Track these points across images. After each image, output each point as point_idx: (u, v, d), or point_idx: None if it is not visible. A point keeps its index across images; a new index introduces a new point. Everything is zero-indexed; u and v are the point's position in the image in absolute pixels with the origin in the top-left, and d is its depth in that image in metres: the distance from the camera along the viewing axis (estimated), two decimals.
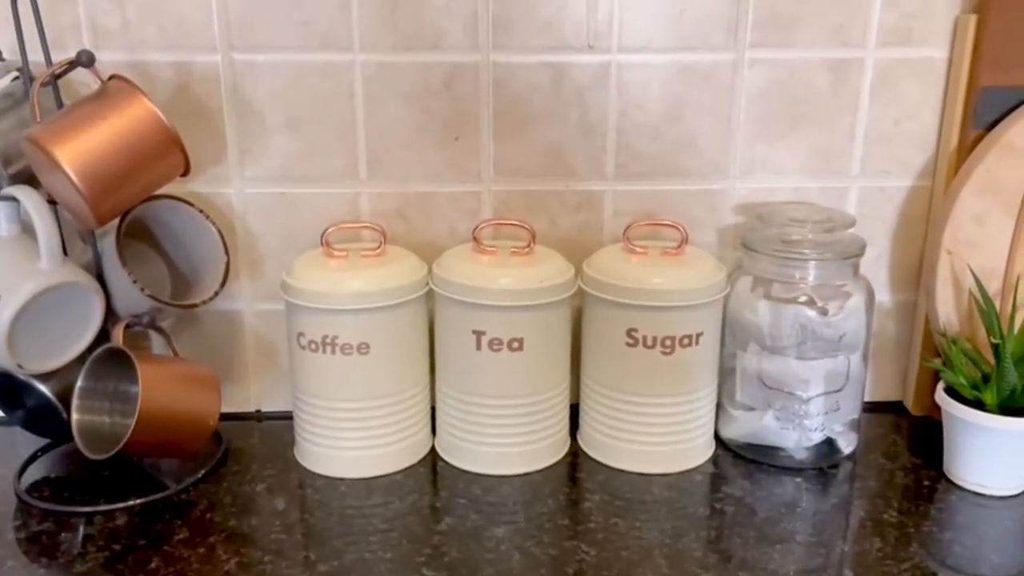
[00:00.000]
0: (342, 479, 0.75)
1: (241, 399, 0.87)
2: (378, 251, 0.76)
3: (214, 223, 0.77)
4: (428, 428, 0.80)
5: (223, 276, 0.77)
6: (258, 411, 0.88)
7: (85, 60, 0.65)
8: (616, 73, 0.79)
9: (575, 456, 0.80)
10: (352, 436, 0.75)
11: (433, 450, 0.80)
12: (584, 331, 0.78)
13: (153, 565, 0.64)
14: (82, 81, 0.73)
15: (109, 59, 0.76)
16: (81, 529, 0.68)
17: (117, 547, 0.66)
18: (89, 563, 0.64)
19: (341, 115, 0.79)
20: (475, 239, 0.77)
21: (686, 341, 0.73)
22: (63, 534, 0.68)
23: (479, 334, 0.73)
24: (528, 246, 0.76)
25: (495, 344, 0.73)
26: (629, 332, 0.73)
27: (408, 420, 0.77)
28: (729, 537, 0.68)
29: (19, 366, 0.68)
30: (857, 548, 0.67)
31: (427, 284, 0.76)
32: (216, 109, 0.79)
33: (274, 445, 0.82)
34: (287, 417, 0.83)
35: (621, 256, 0.77)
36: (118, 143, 0.64)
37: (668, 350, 0.73)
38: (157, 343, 0.82)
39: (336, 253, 0.76)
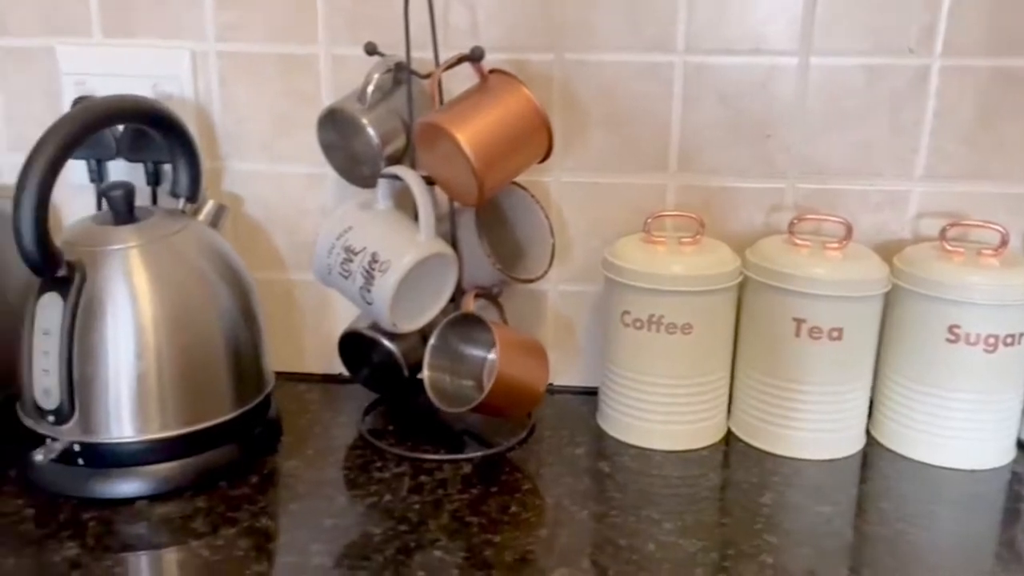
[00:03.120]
0: (654, 450, 0.81)
1: None
2: (696, 238, 0.81)
3: (543, 208, 0.84)
4: (726, 409, 0.84)
5: (550, 256, 0.84)
6: (551, 384, 0.94)
7: (478, 55, 0.73)
8: (936, 77, 0.81)
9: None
10: (666, 411, 0.80)
11: (728, 431, 0.84)
12: (895, 326, 0.80)
13: (513, 509, 0.71)
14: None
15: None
16: (438, 474, 0.76)
17: (475, 491, 0.73)
18: (456, 502, 0.72)
19: (658, 112, 0.85)
20: (790, 232, 0.81)
21: (1009, 340, 0.75)
22: (422, 476, 0.76)
23: (799, 322, 0.77)
24: (843, 240, 0.79)
25: (815, 332, 0.76)
26: (951, 328, 0.75)
27: (716, 400, 0.82)
28: None
29: (394, 324, 0.77)
30: None
31: (742, 272, 0.80)
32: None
33: (573, 416, 0.88)
34: (577, 391, 0.90)
35: (936, 254, 0.79)
36: (503, 129, 0.72)
37: (991, 348, 0.75)
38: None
39: (656, 238, 0.81)
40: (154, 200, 0.89)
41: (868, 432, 0.83)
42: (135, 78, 0.88)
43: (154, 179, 0.88)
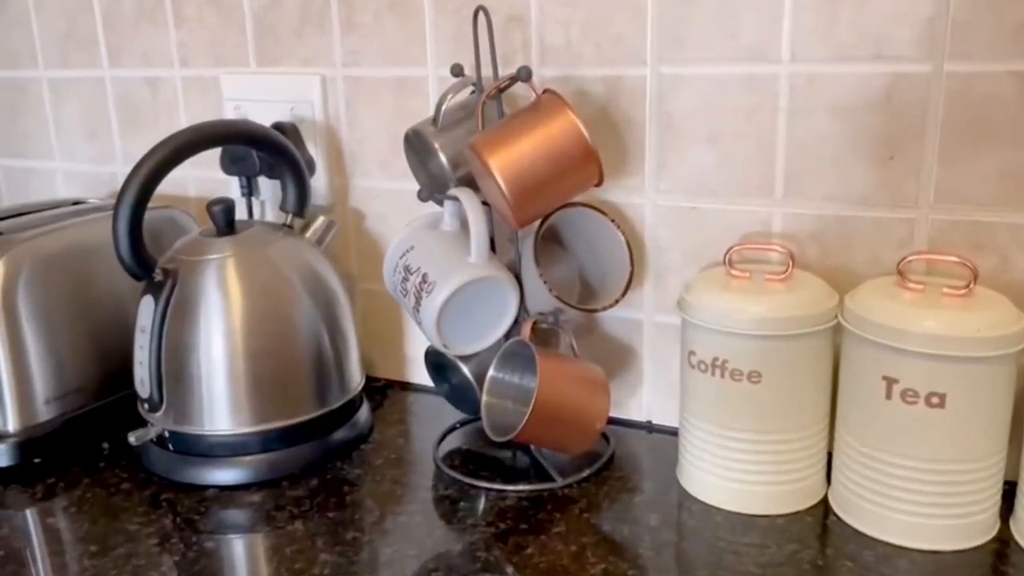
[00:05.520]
0: (720, 509, 0.72)
1: (633, 407, 0.88)
2: (784, 275, 0.71)
3: (623, 233, 0.79)
4: (823, 475, 0.73)
5: (625, 285, 0.79)
6: (649, 422, 0.88)
7: (524, 75, 0.71)
8: None
9: (1003, 544, 0.66)
10: (735, 467, 0.71)
11: (825, 500, 0.73)
12: None
13: (529, 551, 0.67)
14: (522, 95, 0.80)
15: (552, 75, 0.82)
16: (478, 503, 0.75)
17: (503, 526, 0.71)
18: (478, 534, 0.70)
19: (762, 129, 0.76)
20: (900, 273, 0.68)
21: None
22: (462, 503, 0.75)
23: (890, 381, 0.64)
24: (967, 286, 0.65)
25: (909, 396, 0.63)
26: None
27: (799, 462, 0.71)
28: None
29: (444, 347, 0.77)
30: None
31: (835, 316, 0.69)
32: (639, 121, 0.80)
33: (659, 459, 0.81)
34: (676, 433, 0.82)
35: None
36: (543, 153, 0.69)
37: None
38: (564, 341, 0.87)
39: (737, 273, 0.73)
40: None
41: (1009, 527, 0.67)
42: (277, 103, 0.97)
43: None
